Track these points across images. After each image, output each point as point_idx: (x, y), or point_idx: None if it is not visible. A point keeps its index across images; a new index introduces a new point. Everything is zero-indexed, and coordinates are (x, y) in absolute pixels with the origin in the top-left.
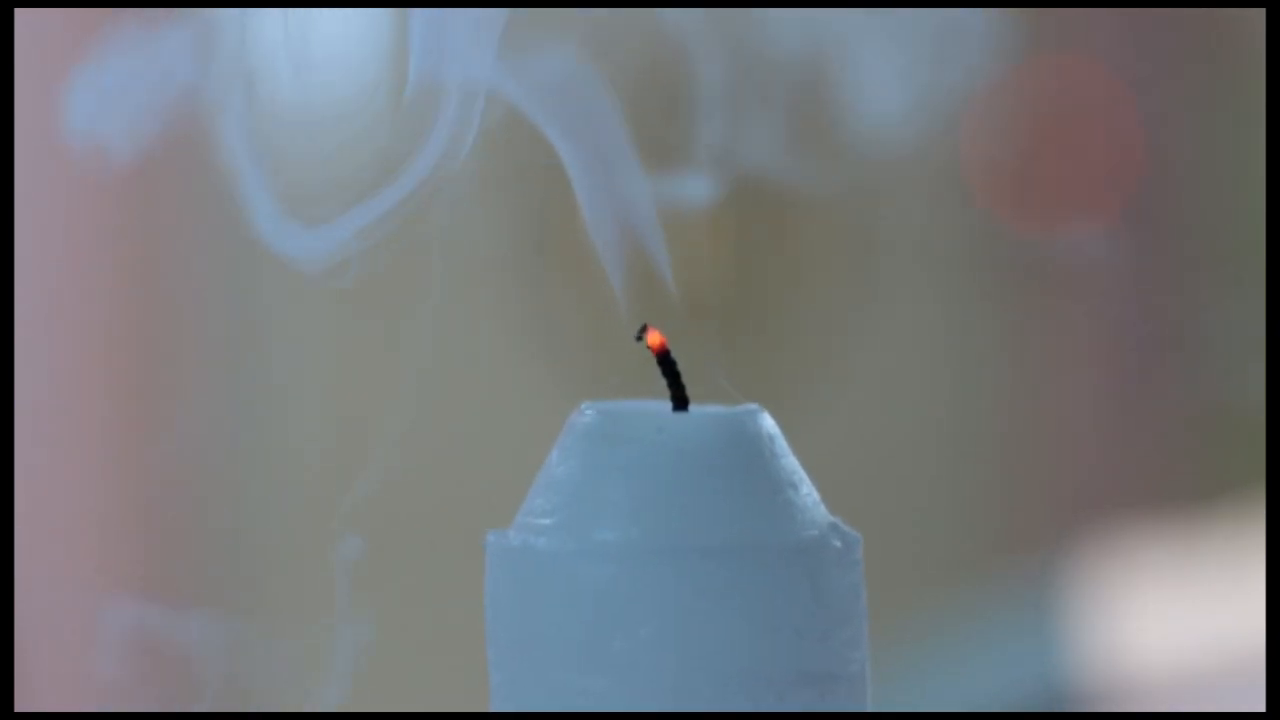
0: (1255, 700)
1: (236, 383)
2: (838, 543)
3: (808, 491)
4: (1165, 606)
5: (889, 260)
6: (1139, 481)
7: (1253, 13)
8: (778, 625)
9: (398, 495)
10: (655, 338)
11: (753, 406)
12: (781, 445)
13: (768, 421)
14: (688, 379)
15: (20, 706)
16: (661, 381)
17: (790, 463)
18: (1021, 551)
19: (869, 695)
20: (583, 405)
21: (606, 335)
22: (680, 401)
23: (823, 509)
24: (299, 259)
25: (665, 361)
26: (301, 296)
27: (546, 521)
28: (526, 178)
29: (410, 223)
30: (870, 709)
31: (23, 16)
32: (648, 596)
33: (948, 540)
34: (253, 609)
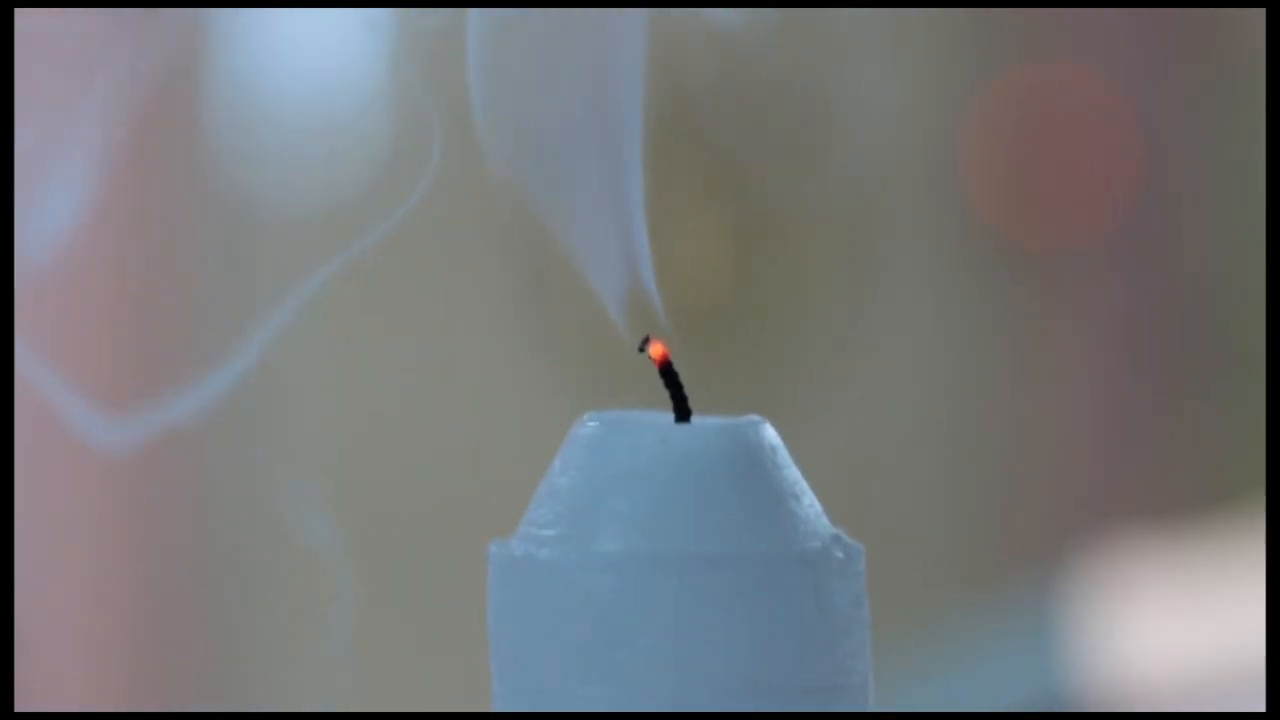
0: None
1: (235, 392)
2: (840, 554)
3: (810, 503)
4: (1167, 616)
5: (888, 271)
6: (1141, 491)
7: (1253, 14)
8: (780, 636)
9: (400, 504)
10: (658, 349)
11: (755, 418)
12: (784, 456)
13: (770, 433)
14: (688, 390)
15: (19, 706)
16: (664, 392)
17: (792, 474)
18: (1023, 561)
19: (871, 707)
20: (585, 416)
21: (608, 345)
22: (683, 412)
23: (825, 520)
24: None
25: (667, 373)
26: (305, 308)
27: (549, 532)
28: (528, 174)
29: (411, 234)
30: None
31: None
32: (650, 607)
33: (948, 550)
34: (253, 610)
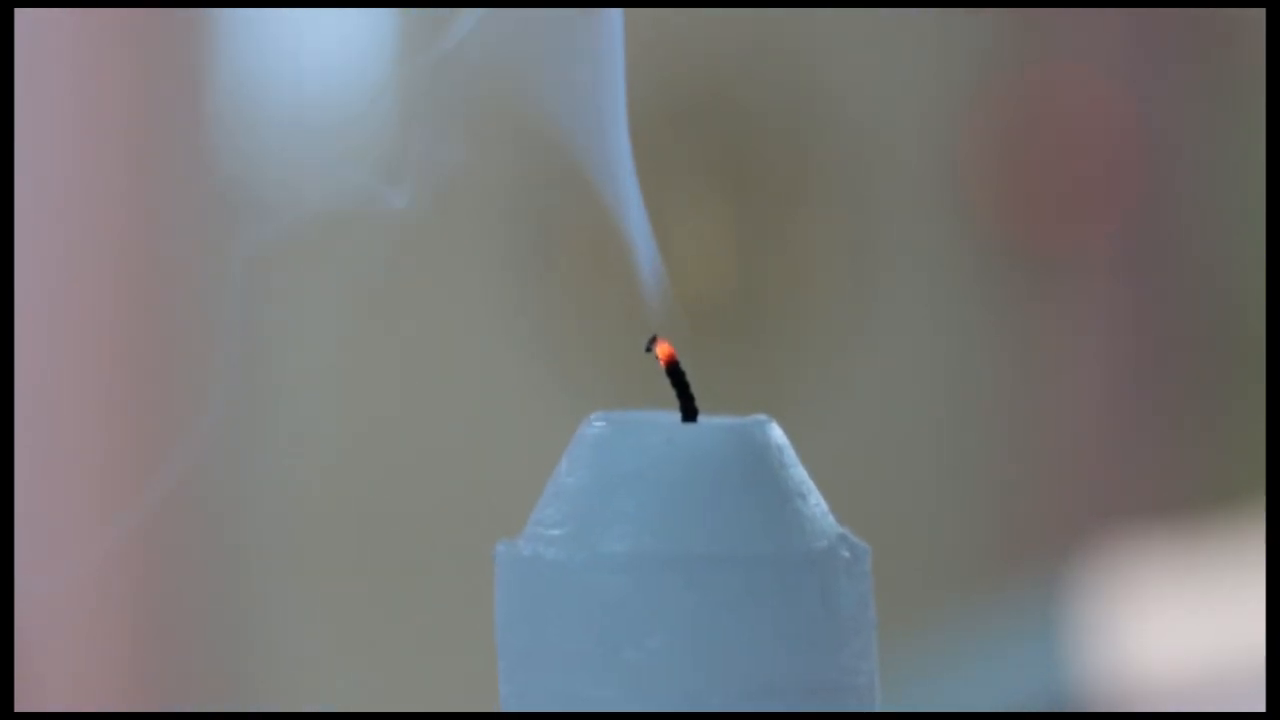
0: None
1: (239, 394)
2: (846, 553)
3: (816, 502)
4: (1171, 615)
5: (892, 271)
6: (1144, 489)
7: (1255, 14)
8: (787, 636)
9: (406, 505)
10: (665, 349)
11: (761, 417)
12: (790, 456)
13: (776, 432)
14: (695, 390)
15: (22, 706)
16: (670, 393)
17: (799, 473)
18: (1027, 561)
19: (878, 706)
20: (592, 416)
21: (615, 345)
22: (689, 412)
23: (831, 520)
24: None
25: (674, 372)
26: (306, 308)
27: (556, 532)
28: (531, 184)
29: (416, 232)
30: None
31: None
32: (658, 607)
33: (953, 550)
34: (260, 614)
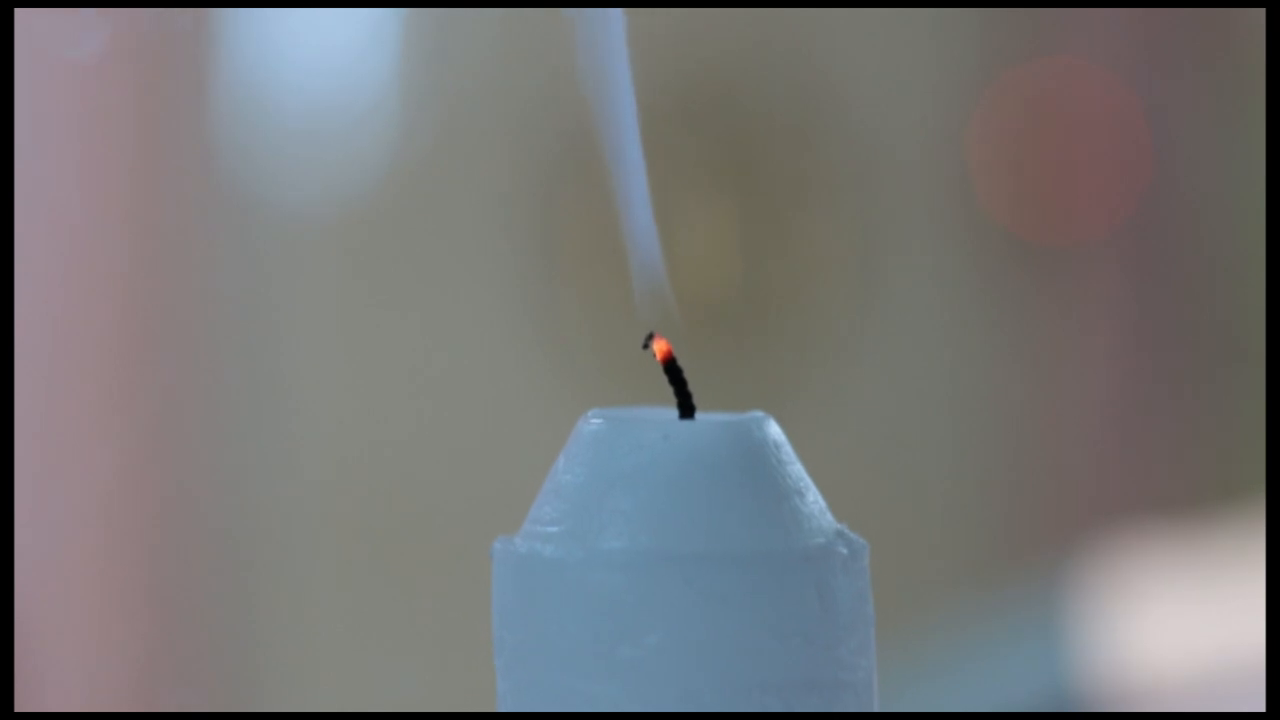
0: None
1: (241, 388)
2: (844, 550)
3: (814, 499)
4: (1175, 612)
5: (894, 266)
6: (1148, 486)
7: (1259, 13)
8: (785, 633)
9: (403, 502)
10: (662, 346)
11: (759, 414)
12: (788, 452)
13: (774, 428)
14: (692, 386)
15: (25, 706)
16: (668, 389)
17: (796, 470)
18: (1029, 557)
19: (876, 703)
20: (589, 412)
21: (612, 342)
22: (687, 409)
23: (829, 516)
24: None
25: (671, 369)
26: (308, 306)
27: (553, 529)
28: (532, 177)
29: (414, 224)
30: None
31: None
32: (655, 604)
33: (953, 547)
34: (257, 610)
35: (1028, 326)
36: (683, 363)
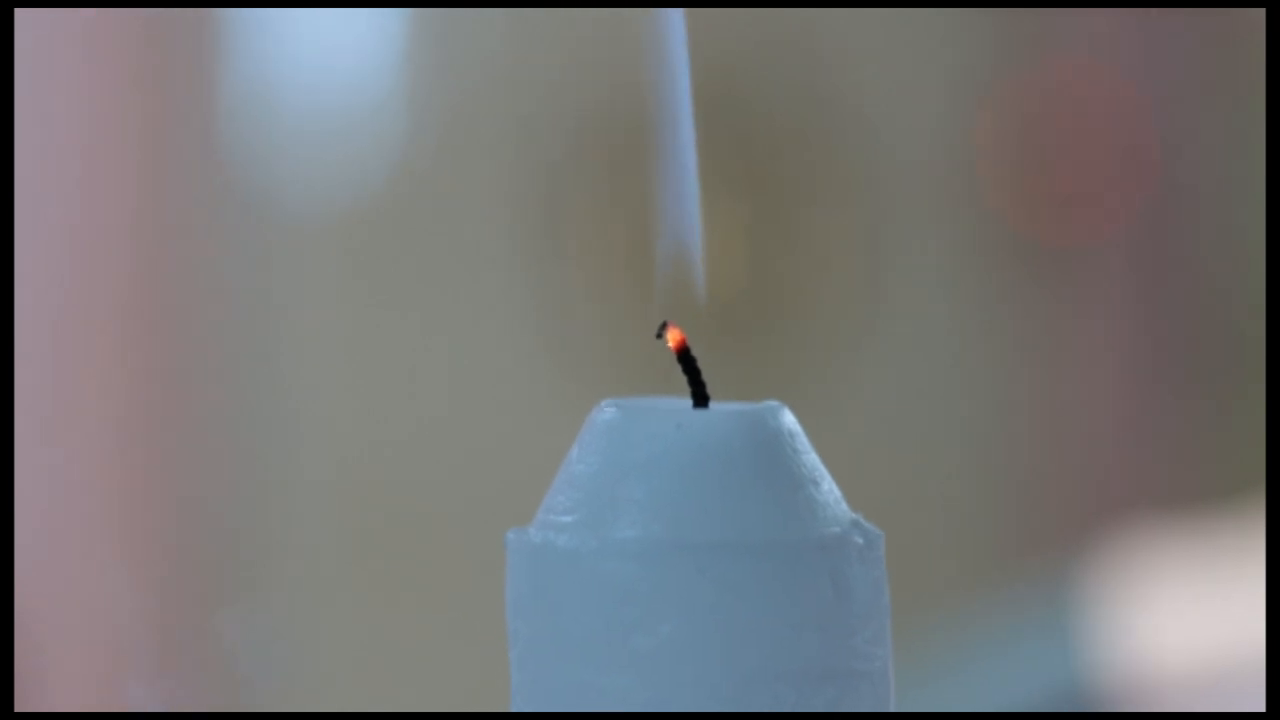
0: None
1: (247, 387)
2: (860, 539)
3: (829, 488)
4: (1186, 607)
5: (905, 264)
6: (1159, 481)
7: (1261, 12)
8: (800, 622)
9: (411, 499)
10: (675, 334)
11: (773, 403)
12: (803, 441)
13: (788, 418)
14: (705, 376)
15: (30, 706)
16: (680, 379)
17: (811, 459)
18: (1038, 553)
19: (891, 693)
20: (602, 402)
21: (619, 338)
22: (700, 398)
23: (844, 505)
24: None
25: (685, 358)
26: (314, 302)
27: (567, 519)
28: (537, 176)
29: (420, 223)
30: (893, 707)
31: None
32: (669, 594)
33: (964, 541)
34: (264, 608)
35: (1035, 324)
36: (697, 356)
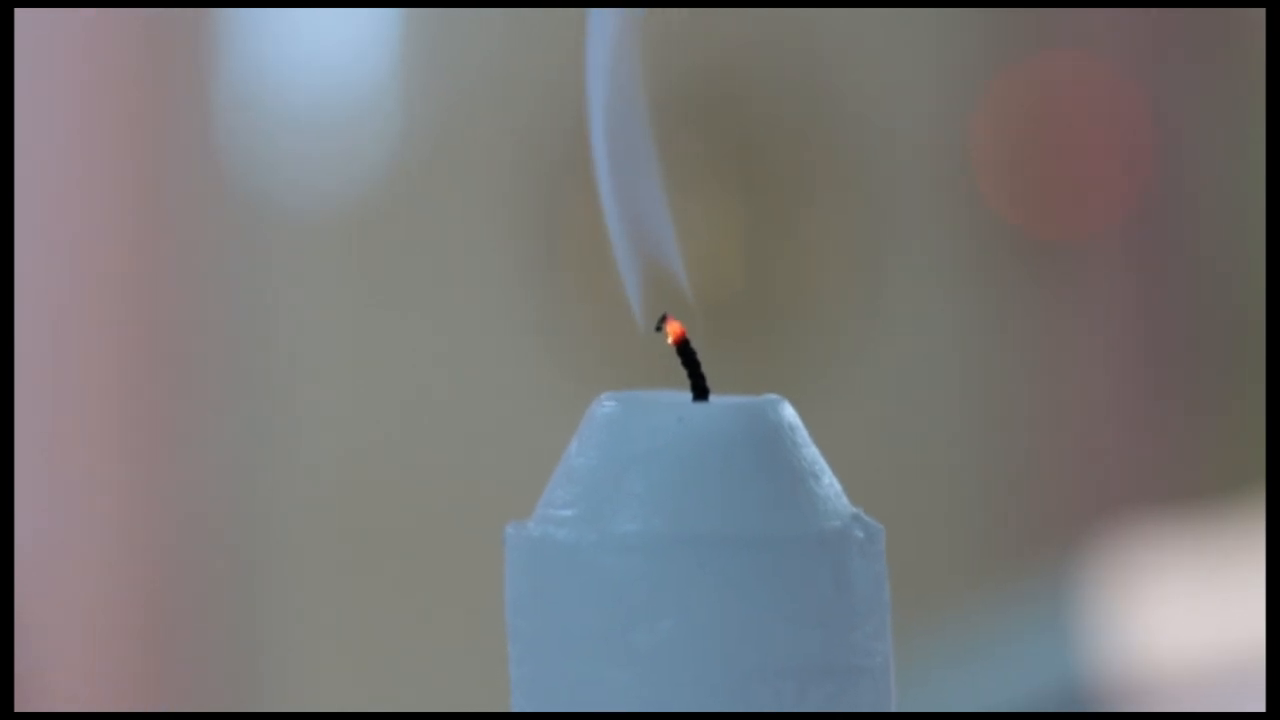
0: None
1: (245, 386)
2: (860, 534)
3: (829, 482)
4: (1185, 604)
5: (902, 262)
6: (1158, 477)
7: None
8: (800, 617)
9: (409, 496)
10: (675, 328)
11: (773, 396)
12: (803, 435)
13: (789, 411)
14: (704, 371)
15: (34, 706)
16: (677, 373)
17: (811, 453)
18: (1040, 545)
19: (892, 688)
20: (602, 395)
21: (617, 335)
22: (700, 391)
23: (845, 500)
24: None
25: (685, 351)
26: (312, 301)
27: (566, 513)
28: (535, 173)
29: (417, 221)
30: (894, 703)
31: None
32: (669, 588)
33: (962, 538)
34: (265, 606)
35: (1032, 320)
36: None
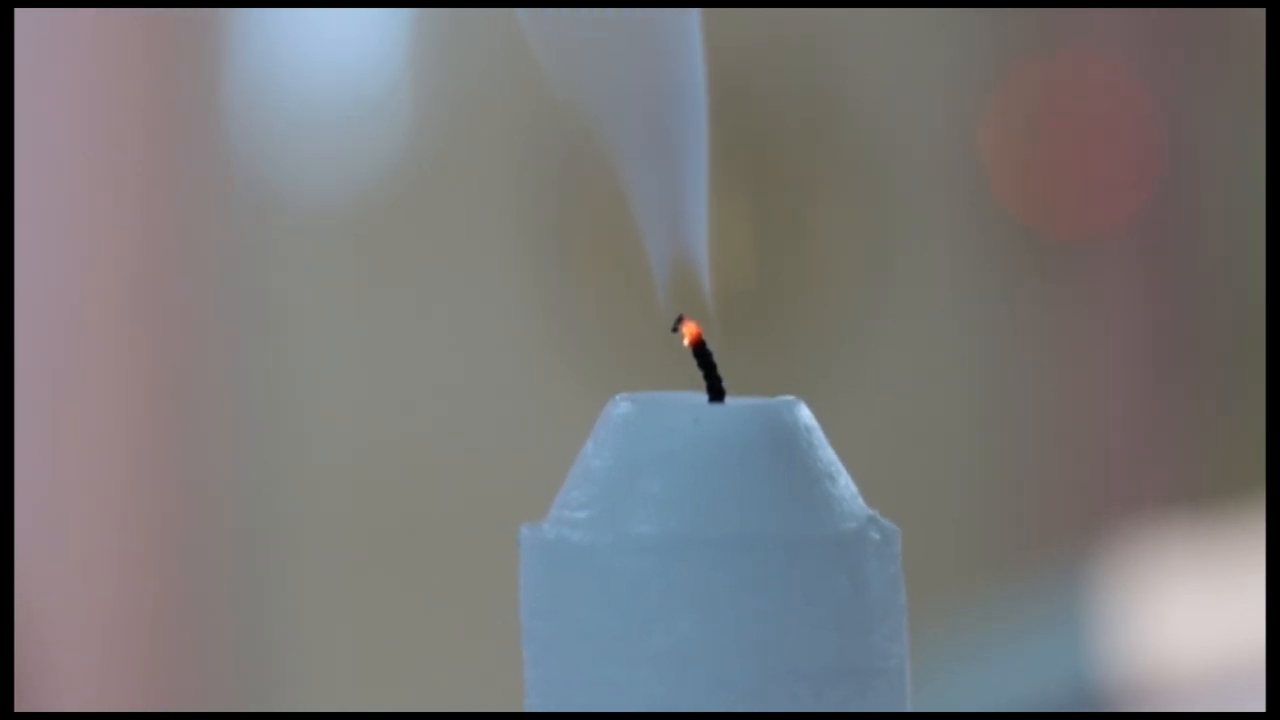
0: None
1: (254, 383)
2: (876, 535)
3: (845, 483)
4: (1196, 602)
5: (912, 259)
6: (1169, 475)
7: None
8: (816, 619)
9: (418, 496)
10: (691, 328)
11: (789, 398)
12: (819, 436)
13: (805, 413)
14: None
15: (33, 704)
16: (691, 375)
17: (828, 454)
18: (1051, 545)
19: (908, 690)
20: (617, 396)
21: (628, 334)
22: (716, 392)
23: (860, 501)
24: None
25: (701, 352)
26: (321, 299)
27: (582, 514)
28: (545, 170)
29: (431, 214)
30: (909, 704)
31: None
32: (685, 590)
33: (975, 536)
34: (275, 605)
35: (1042, 318)
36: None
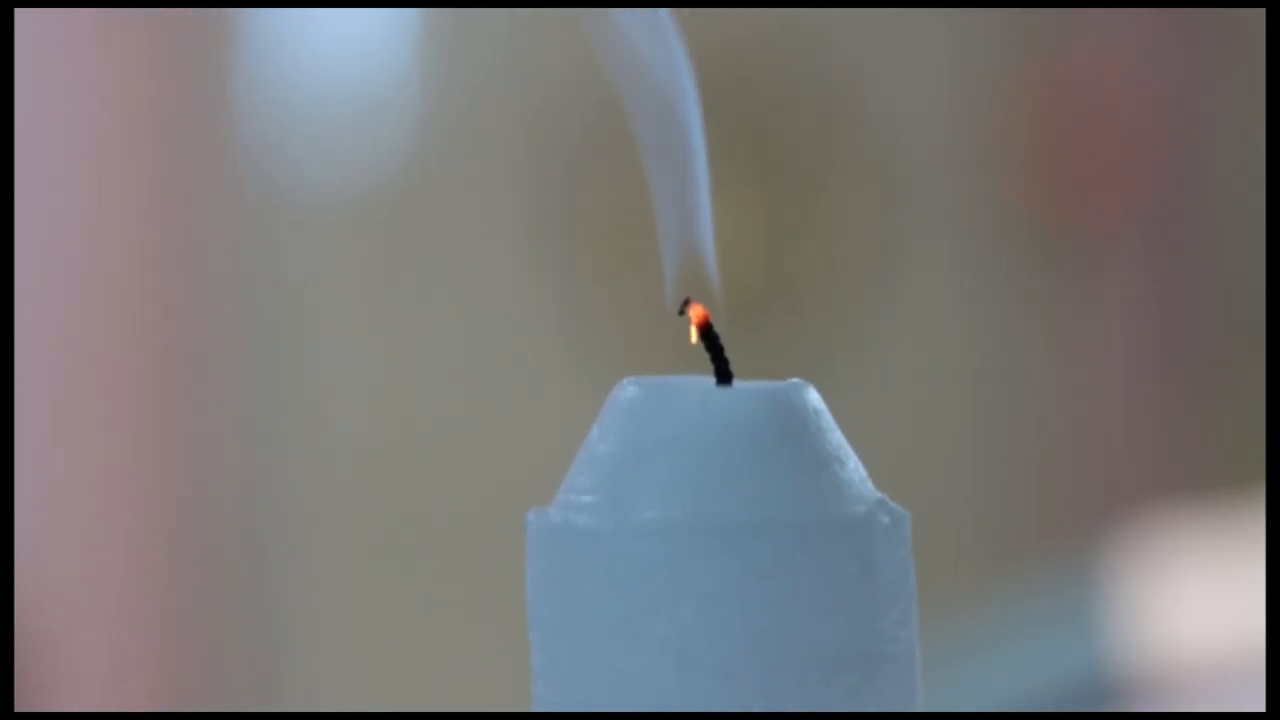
0: None
1: (263, 378)
2: (886, 519)
3: (854, 467)
4: (1205, 592)
5: (921, 252)
6: (1179, 466)
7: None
8: (825, 604)
9: (425, 487)
10: (698, 311)
11: (798, 381)
12: (828, 420)
13: (813, 396)
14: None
15: (38, 703)
16: (697, 366)
17: (836, 438)
18: (1060, 534)
19: (918, 675)
20: (624, 380)
21: (635, 323)
22: (724, 375)
23: (870, 485)
24: None
25: (708, 335)
26: (328, 294)
27: (588, 499)
28: (552, 163)
29: (435, 212)
30: (919, 690)
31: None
32: (692, 575)
33: (983, 527)
34: (282, 600)
35: (1049, 310)
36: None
